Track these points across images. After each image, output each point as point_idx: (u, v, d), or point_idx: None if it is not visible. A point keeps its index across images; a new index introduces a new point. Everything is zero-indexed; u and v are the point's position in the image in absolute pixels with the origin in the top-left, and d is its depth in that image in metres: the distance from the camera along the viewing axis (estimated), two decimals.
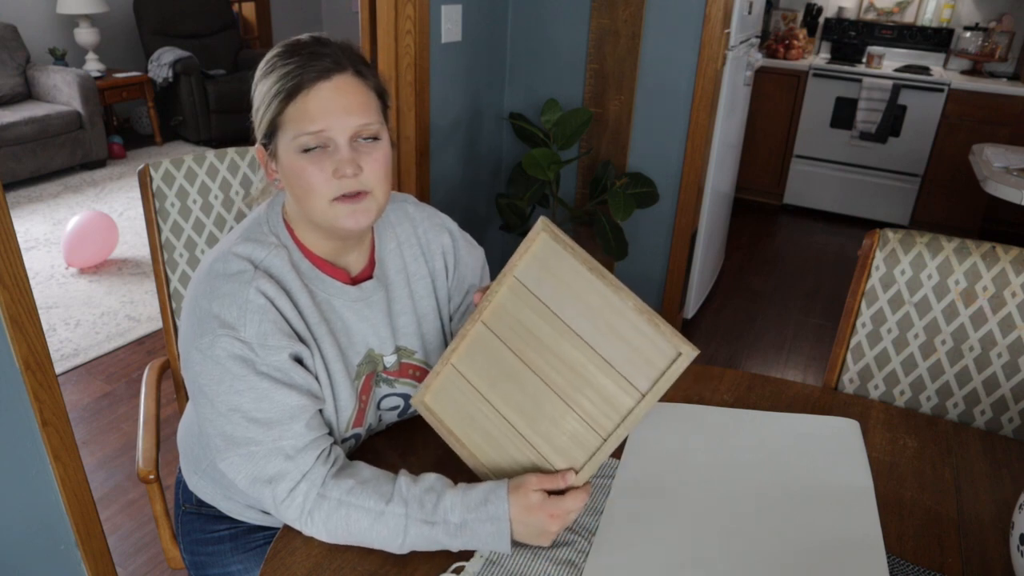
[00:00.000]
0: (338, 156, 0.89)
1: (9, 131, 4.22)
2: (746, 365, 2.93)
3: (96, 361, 2.73)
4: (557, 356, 0.90)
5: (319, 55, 0.89)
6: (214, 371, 0.88)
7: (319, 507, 0.87)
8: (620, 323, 0.87)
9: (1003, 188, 2.68)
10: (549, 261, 0.91)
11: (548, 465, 0.90)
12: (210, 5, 5.54)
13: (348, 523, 0.87)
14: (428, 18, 2.28)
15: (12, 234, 1.12)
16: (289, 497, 0.88)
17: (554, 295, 0.90)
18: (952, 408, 1.33)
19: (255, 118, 0.93)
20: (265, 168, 0.96)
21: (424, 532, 0.86)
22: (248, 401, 0.88)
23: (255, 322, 0.88)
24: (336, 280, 0.99)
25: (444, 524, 0.86)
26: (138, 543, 1.94)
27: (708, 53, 2.48)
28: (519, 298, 0.92)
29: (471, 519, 0.86)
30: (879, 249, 1.32)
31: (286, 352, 0.90)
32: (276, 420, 0.88)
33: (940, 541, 0.95)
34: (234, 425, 0.88)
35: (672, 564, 0.89)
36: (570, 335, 0.89)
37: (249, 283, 0.90)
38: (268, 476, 0.88)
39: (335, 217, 0.91)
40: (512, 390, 0.92)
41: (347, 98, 0.89)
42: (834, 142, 4.35)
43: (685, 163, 2.65)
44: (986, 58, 4.17)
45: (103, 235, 3.37)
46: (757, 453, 1.09)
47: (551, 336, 0.90)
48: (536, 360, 0.91)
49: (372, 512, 0.86)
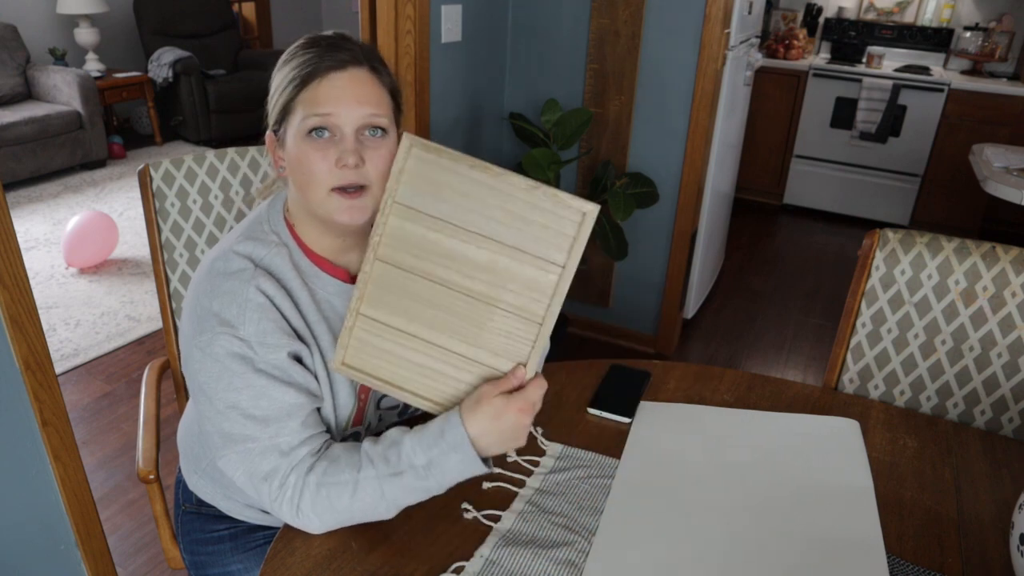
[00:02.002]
0: (343, 146, 0.89)
1: (9, 131, 4.22)
2: (746, 365, 2.93)
3: (96, 361, 2.73)
4: (467, 263, 0.87)
5: (339, 48, 0.91)
6: (213, 368, 0.88)
7: (304, 496, 0.88)
8: (517, 206, 0.85)
9: (1003, 188, 2.68)
10: (427, 174, 0.87)
11: (496, 372, 0.89)
12: (210, 5, 5.54)
13: (331, 503, 0.87)
14: (428, 18, 2.28)
15: (12, 234, 1.12)
16: (280, 492, 0.88)
17: (444, 205, 0.87)
18: (952, 408, 1.33)
19: (269, 105, 0.94)
20: (273, 155, 0.97)
21: (399, 484, 0.86)
22: (246, 399, 0.88)
23: (254, 320, 0.89)
24: (336, 279, 0.99)
25: (412, 470, 0.86)
26: (138, 543, 1.94)
27: (708, 53, 2.48)
28: (410, 221, 0.88)
29: (435, 455, 0.85)
30: (879, 249, 1.32)
31: (284, 351, 0.90)
32: (273, 417, 0.89)
33: (940, 541, 0.95)
34: (232, 422, 0.88)
35: (672, 564, 0.89)
36: (473, 237, 0.87)
37: (249, 281, 0.90)
38: (264, 473, 0.88)
39: (331, 209, 0.91)
40: (433, 315, 0.90)
41: (359, 89, 0.90)
42: (834, 142, 4.35)
43: (685, 163, 2.65)
44: (986, 58, 4.17)
45: (103, 235, 3.37)
46: (757, 453, 1.09)
47: (455, 246, 0.87)
48: (447, 275, 0.88)
49: (348, 484, 0.87)
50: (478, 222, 0.86)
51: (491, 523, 0.95)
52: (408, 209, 0.88)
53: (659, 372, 1.29)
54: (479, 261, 0.87)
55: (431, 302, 0.89)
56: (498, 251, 0.86)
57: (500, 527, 0.94)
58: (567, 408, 1.18)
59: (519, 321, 0.87)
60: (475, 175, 0.85)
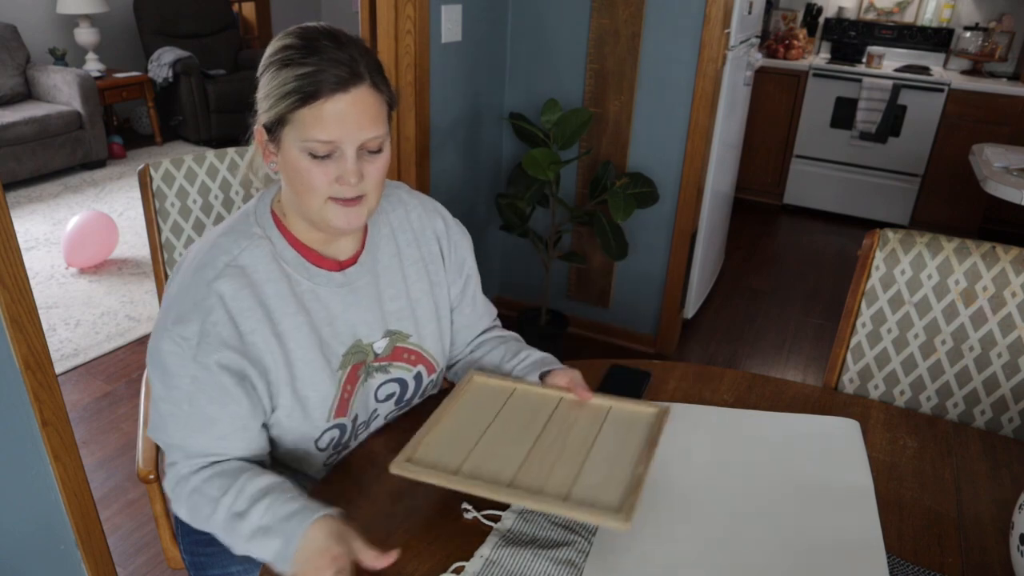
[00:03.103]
0: (344, 165, 0.91)
1: (9, 131, 4.22)
2: (746, 365, 2.93)
3: (96, 361, 2.73)
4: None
5: (338, 61, 0.89)
6: (155, 357, 0.94)
7: (181, 488, 0.94)
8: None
9: (1003, 188, 2.68)
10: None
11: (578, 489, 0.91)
12: (210, 5, 5.53)
13: (198, 510, 0.93)
14: (428, 18, 2.28)
15: (12, 234, 1.12)
16: (176, 486, 0.95)
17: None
18: (952, 408, 1.33)
19: (261, 103, 0.94)
20: (263, 149, 0.97)
21: (225, 524, 0.90)
22: (177, 396, 0.93)
23: (198, 321, 0.92)
24: (323, 269, 1.01)
25: (240, 518, 0.88)
26: (138, 543, 1.94)
27: (708, 53, 2.48)
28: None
29: (267, 527, 0.86)
30: (879, 249, 1.32)
31: (222, 362, 0.93)
32: (193, 423, 0.94)
33: (940, 541, 0.95)
34: (158, 408, 0.95)
35: (672, 564, 0.89)
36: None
37: (211, 282, 0.93)
38: (169, 458, 0.98)
39: (328, 217, 0.94)
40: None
41: (362, 112, 0.90)
42: (834, 142, 4.35)
43: (685, 163, 2.65)
44: (986, 58, 4.17)
45: (103, 235, 3.37)
46: (757, 453, 1.09)
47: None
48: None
49: (212, 502, 0.91)
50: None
51: (491, 523, 0.95)
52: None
53: (659, 372, 1.29)
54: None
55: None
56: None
57: (500, 527, 0.94)
58: None
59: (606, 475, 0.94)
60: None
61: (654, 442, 0.96)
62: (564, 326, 2.83)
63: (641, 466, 0.91)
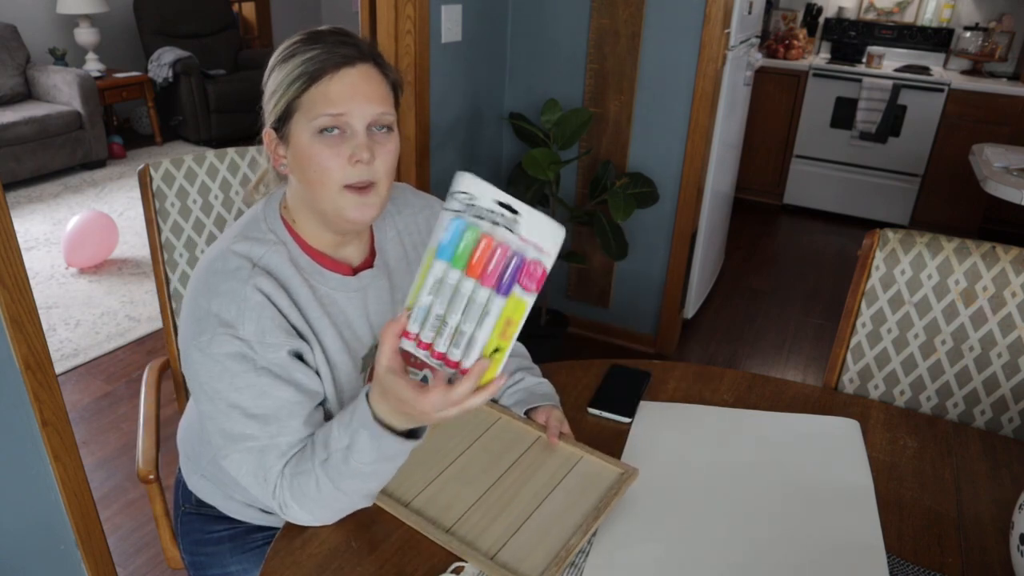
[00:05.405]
0: (355, 141, 0.89)
1: (9, 131, 4.22)
2: (746, 365, 2.93)
3: (96, 361, 2.73)
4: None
5: (343, 43, 0.90)
6: (213, 369, 0.88)
7: (283, 489, 0.88)
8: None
9: (1003, 188, 2.68)
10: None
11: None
12: (210, 5, 5.53)
13: (304, 492, 0.87)
14: (428, 18, 2.28)
15: (12, 234, 1.12)
16: (271, 488, 0.89)
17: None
18: (952, 408, 1.33)
19: (268, 103, 0.93)
20: (272, 153, 0.96)
21: (331, 471, 0.84)
22: (247, 398, 0.88)
23: (253, 319, 0.89)
24: (336, 273, 0.99)
25: (338, 452, 0.84)
26: (138, 543, 1.94)
27: (708, 53, 2.48)
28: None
29: (351, 437, 0.83)
30: (879, 249, 1.32)
31: (284, 349, 0.91)
32: (274, 416, 0.89)
33: (940, 541, 0.95)
34: (233, 422, 0.88)
35: (672, 564, 0.89)
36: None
37: (247, 280, 0.90)
38: (264, 473, 0.89)
39: (343, 207, 0.91)
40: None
41: (369, 86, 0.90)
42: (834, 142, 4.35)
43: (685, 163, 2.65)
44: (986, 58, 4.17)
45: (103, 235, 3.37)
46: (757, 453, 1.09)
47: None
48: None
49: (311, 473, 0.86)
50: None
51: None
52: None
53: (659, 372, 1.29)
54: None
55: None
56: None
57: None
58: (567, 408, 1.18)
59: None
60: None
61: (605, 506, 0.95)
62: (564, 326, 2.83)
63: (576, 537, 0.90)
